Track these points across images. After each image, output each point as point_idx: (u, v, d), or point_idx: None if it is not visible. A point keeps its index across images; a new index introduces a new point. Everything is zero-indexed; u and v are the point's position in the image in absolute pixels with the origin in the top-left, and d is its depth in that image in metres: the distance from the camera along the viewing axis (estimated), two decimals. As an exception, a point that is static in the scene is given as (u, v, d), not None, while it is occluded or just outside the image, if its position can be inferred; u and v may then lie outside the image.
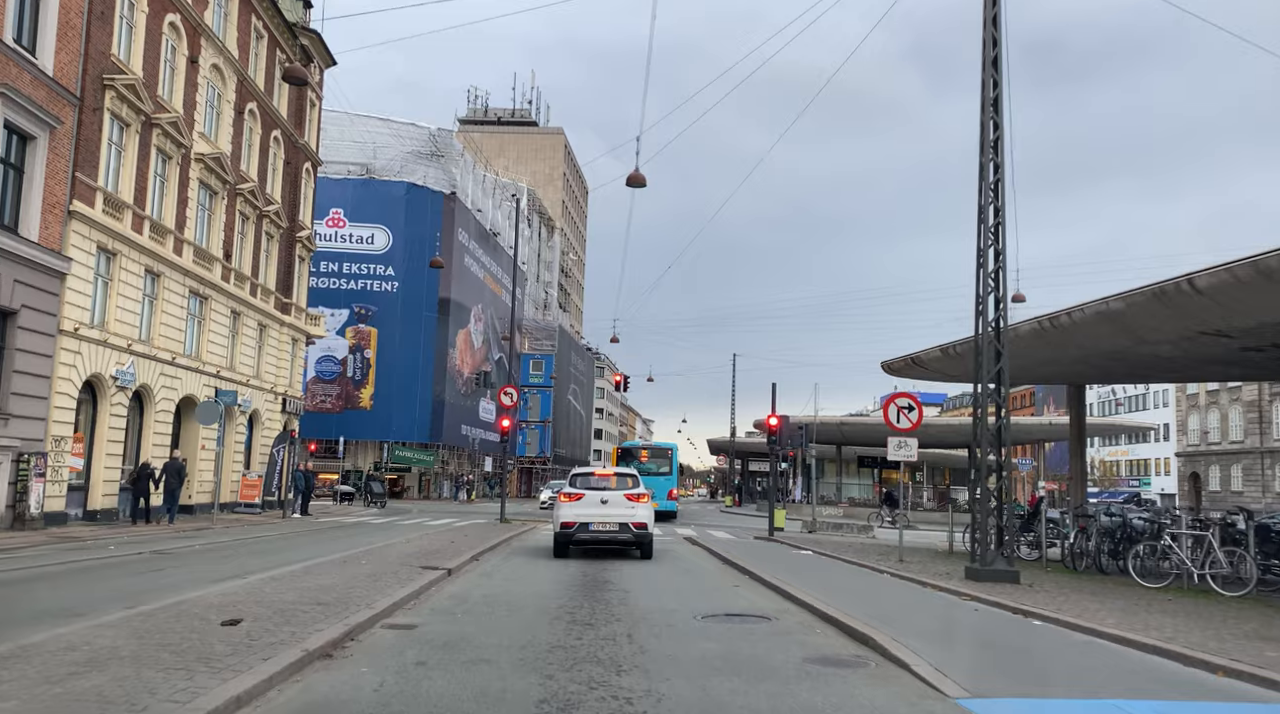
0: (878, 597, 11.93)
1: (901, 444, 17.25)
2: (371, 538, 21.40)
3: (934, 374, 22.92)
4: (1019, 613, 10.48)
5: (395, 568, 13.35)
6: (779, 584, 12.51)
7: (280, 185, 36.91)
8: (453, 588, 12.02)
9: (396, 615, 9.43)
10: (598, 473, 20.72)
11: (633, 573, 14.85)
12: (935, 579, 13.86)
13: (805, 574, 14.36)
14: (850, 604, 10.33)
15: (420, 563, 14.22)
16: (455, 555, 16.08)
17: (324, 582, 11.22)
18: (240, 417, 33.85)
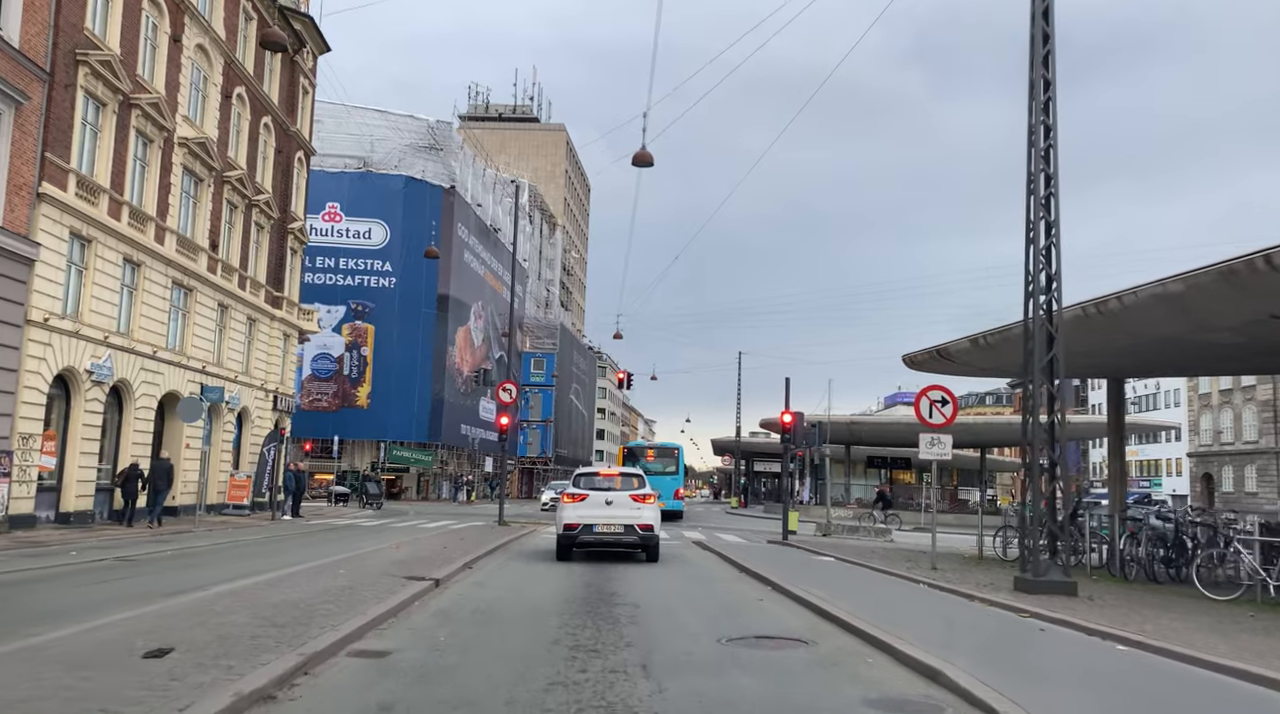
0: (923, 613, 10.49)
1: (935, 441, 15.82)
2: (360, 542, 19.99)
3: (961, 367, 21.46)
4: (1094, 634, 9.03)
5: (376, 578, 11.92)
6: (808, 597, 11.08)
7: (271, 174, 35.49)
8: (439, 602, 10.59)
9: (368, 638, 8.00)
10: (602, 473, 19.63)
11: (641, 582, 13.42)
12: (980, 591, 12.41)
13: (833, 584, 12.93)
14: (896, 623, 8.89)
15: (406, 572, 12.79)
16: (446, 562, 14.65)
17: (290, 596, 9.78)
18: (228, 414, 32.45)
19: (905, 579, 14.30)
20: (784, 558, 18.71)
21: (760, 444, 73.89)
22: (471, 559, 15.89)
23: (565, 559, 17.34)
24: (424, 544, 19.12)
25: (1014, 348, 18.80)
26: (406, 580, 11.81)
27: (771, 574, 14.00)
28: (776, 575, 13.76)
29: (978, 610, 10.90)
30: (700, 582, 13.98)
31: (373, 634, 8.21)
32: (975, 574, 15.37)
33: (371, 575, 12.27)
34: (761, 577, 13.97)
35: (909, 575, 14.63)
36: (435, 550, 17.31)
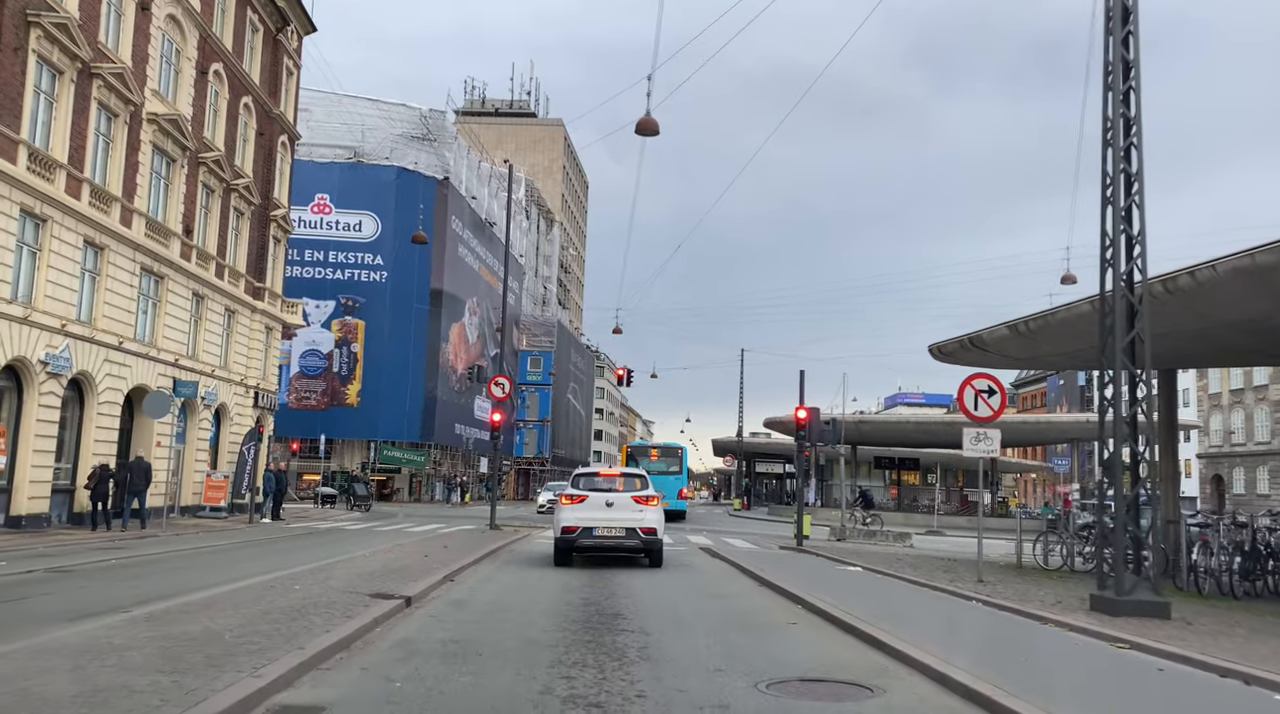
0: (1000, 644, 8.65)
1: (980, 436, 13.95)
2: (336, 548, 18.14)
3: (996, 358, 19.59)
4: (1230, 674, 7.17)
5: (337, 595, 10.06)
6: (852, 620, 9.22)
7: (252, 158, 33.62)
8: (406, 628, 8.72)
9: (300, 685, 6.14)
10: (603, 473, 18.07)
11: (649, 598, 11.57)
12: (1051, 611, 10.55)
13: (872, 601, 11.08)
14: (975, 660, 7.04)
15: (374, 587, 10.93)
16: (424, 574, 12.79)
17: (219, 623, 7.91)
18: (204, 410, 30.57)
19: (953, 595, 12.44)
20: (804, 567, 16.86)
21: (762, 444, 72.04)
22: (455, 570, 14.04)
23: (564, 564, 16.04)
24: (405, 551, 17.26)
25: (1058, 335, 16.96)
26: (371, 599, 9.94)
27: (796, 587, 12.16)
28: (803, 589, 11.91)
29: (1061, 639, 9.02)
30: (716, 597, 12.11)
31: (309, 678, 6.34)
32: (1029, 588, 13.51)
33: (332, 592, 10.40)
34: (786, 591, 12.10)
35: (955, 590, 12.77)
36: (415, 559, 15.44)
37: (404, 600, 10.10)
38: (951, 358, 20.74)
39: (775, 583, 12.95)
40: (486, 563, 16.47)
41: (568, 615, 9.78)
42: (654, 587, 13.03)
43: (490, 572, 14.96)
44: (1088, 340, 16.98)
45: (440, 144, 58.07)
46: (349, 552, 16.85)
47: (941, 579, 14.32)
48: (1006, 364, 21.02)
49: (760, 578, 14.10)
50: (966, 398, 14.07)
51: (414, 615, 9.55)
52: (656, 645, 8.04)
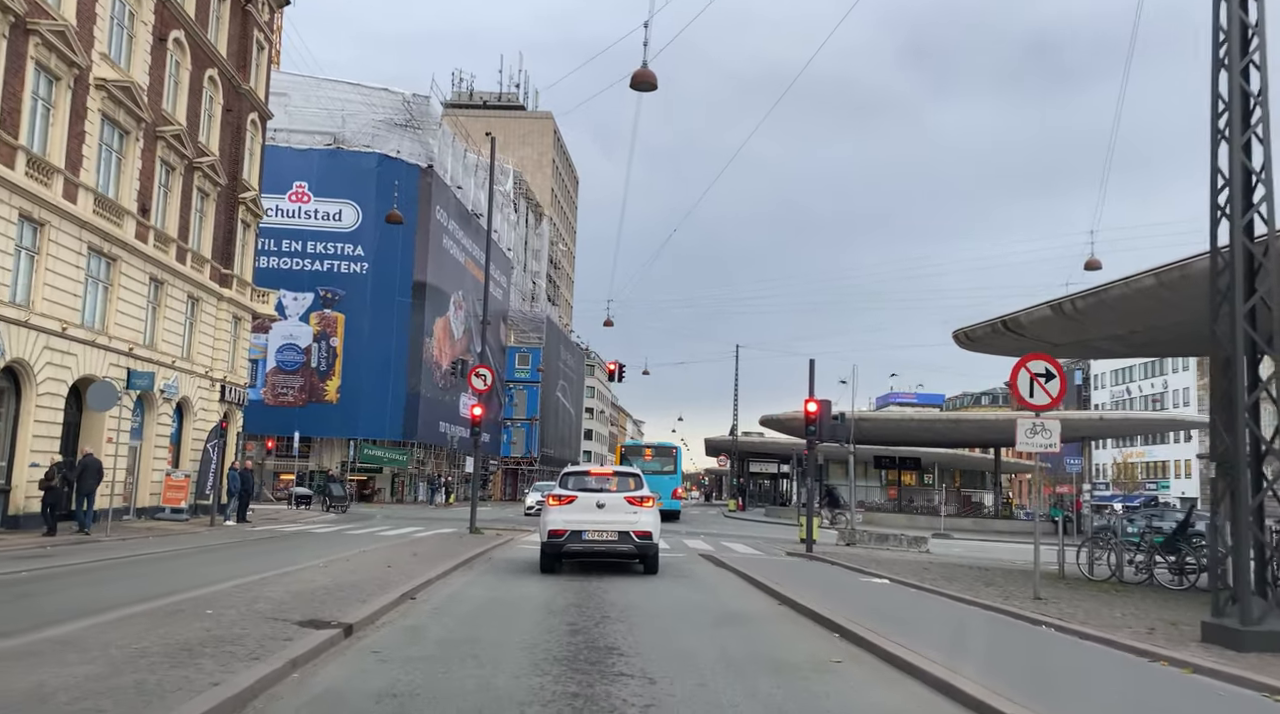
0: (1125, 697, 6.60)
1: (1037, 429, 11.91)
2: (291, 556, 16.01)
3: (1033, 344, 17.50)
4: None
5: (255, 625, 7.95)
6: (913, 658, 7.17)
7: (218, 136, 31.42)
8: (333, 674, 6.62)
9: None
10: (594, 471, 16.26)
11: (651, 624, 9.48)
12: (1152, 643, 8.49)
13: (923, 627, 9.05)
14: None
15: (309, 611, 8.83)
16: (381, 590, 10.71)
17: (61, 675, 5.78)
18: (164, 404, 28.37)
19: (1014, 617, 10.36)
20: (822, 579, 14.81)
21: (757, 443, 70.03)
22: (420, 583, 11.94)
23: (550, 571, 14.60)
24: (368, 559, 15.15)
25: (1112, 315, 14.91)
26: (300, 628, 7.84)
27: (825, 607, 10.12)
28: (833, 609, 9.87)
29: (1195, 689, 6.94)
30: (731, 620, 10.02)
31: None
32: (1097, 607, 11.45)
33: (253, 618, 8.29)
34: (815, 614, 10.03)
35: (1014, 610, 10.70)
36: (376, 570, 13.33)
37: (343, 629, 7.99)
38: (980, 345, 18.71)
39: (799, 601, 10.88)
40: (460, 574, 14.37)
41: (549, 650, 7.69)
42: (654, 606, 10.95)
43: (462, 585, 12.86)
44: (1146, 321, 14.98)
45: (424, 131, 55.89)
46: (303, 561, 14.73)
47: (989, 595, 12.28)
48: (1050, 350, 18.86)
49: (777, 594, 12.03)
50: (1021, 383, 12.04)
51: (351, 651, 7.44)
52: (665, 700, 5.97)
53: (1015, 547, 32.28)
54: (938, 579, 14.52)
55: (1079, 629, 9.17)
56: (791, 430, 52.67)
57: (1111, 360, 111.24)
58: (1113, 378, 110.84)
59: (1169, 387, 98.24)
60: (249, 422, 50.32)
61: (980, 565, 18.42)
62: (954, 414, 56.73)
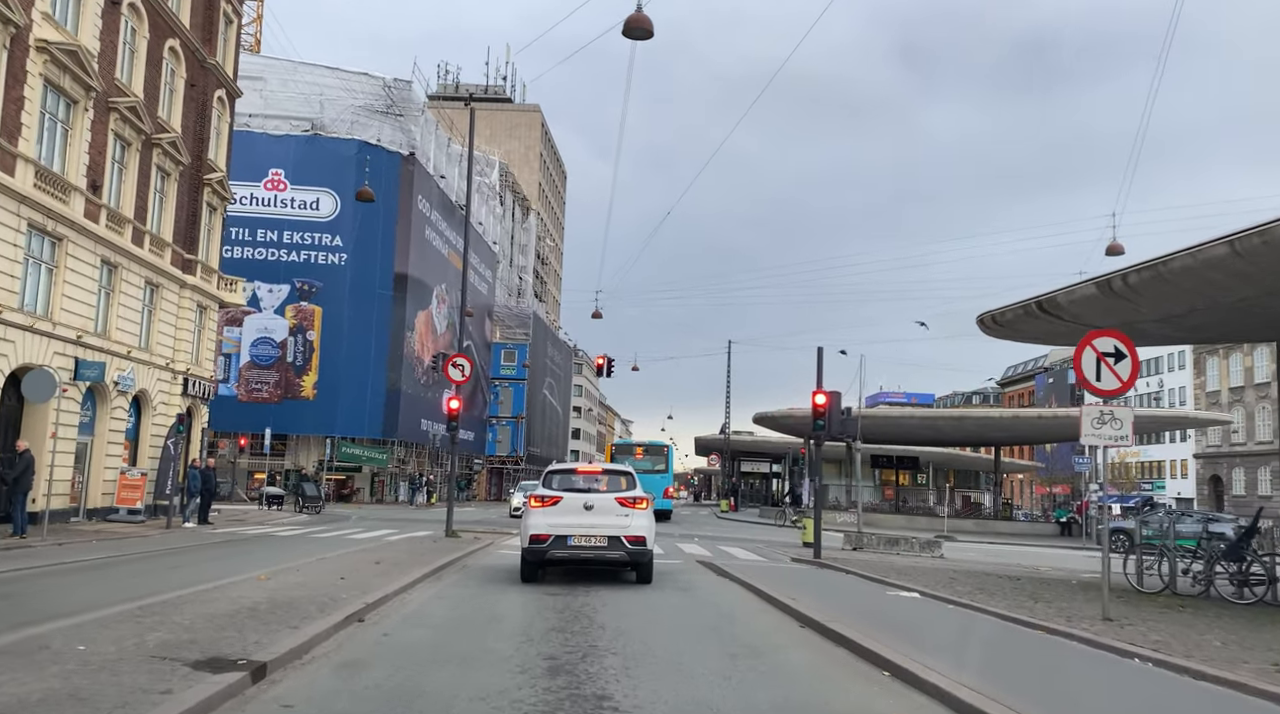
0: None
1: (1105, 418, 10.10)
2: (235, 565, 14.11)
3: (1072, 327, 15.70)
4: None
5: (130, 669, 6.06)
6: (993, 709, 5.31)
7: (180, 111, 29.42)
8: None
9: None
10: (581, 469, 14.45)
11: (651, 658, 7.60)
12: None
13: (993, 665, 7.22)
14: None
15: (217, 644, 6.95)
16: (322, 611, 8.84)
17: None
18: (118, 397, 26.35)
19: (1097, 646, 8.51)
20: (842, 592, 12.98)
21: (748, 442, 68.28)
22: (376, 599, 10.07)
23: (532, 580, 13.11)
24: (323, 569, 13.25)
25: (1171, 292, 13.09)
26: (192, 671, 5.96)
27: (860, 632, 8.29)
28: (867, 633, 8.04)
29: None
30: (749, 653, 8.13)
31: None
32: (1182, 630, 9.64)
33: (132, 658, 6.39)
34: (850, 641, 8.19)
35: (1092, 637, 8.84)
36: (327, 583, 11.43)
37: (250, 672, 6.11)
38: (1009, 329, 16.89)
39: (826, 624, 9.03)
40: (426, 586, 12.49)
41: (521, 705, 5.81)
42: (653, 630, 9.09)
43: (426, 600, 10.98)
44: (1211, 297, 13.19)
45: (406, 118, 53.85)
46: (248, 570, 12.82)
47: (1046, 614, 10.46)
48: (1081, 337, 17.05)
49: (797, 613, 10.19)
50: (1085, 364, 10.23)
51: (251, 707, 5.55)
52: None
53: (1030, 550, 30.63)
54: (973, 592, 12.70)
55: (1186, 665, 7.33)
56: (787, 428, 50.90)
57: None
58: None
59: (1164, 386, 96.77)
60: (221, 418, 48.25)
61: (1008, 574, 16.64)
62: (958, 411, 55.07)
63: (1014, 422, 41.67)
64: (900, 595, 12.38)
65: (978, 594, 12.39)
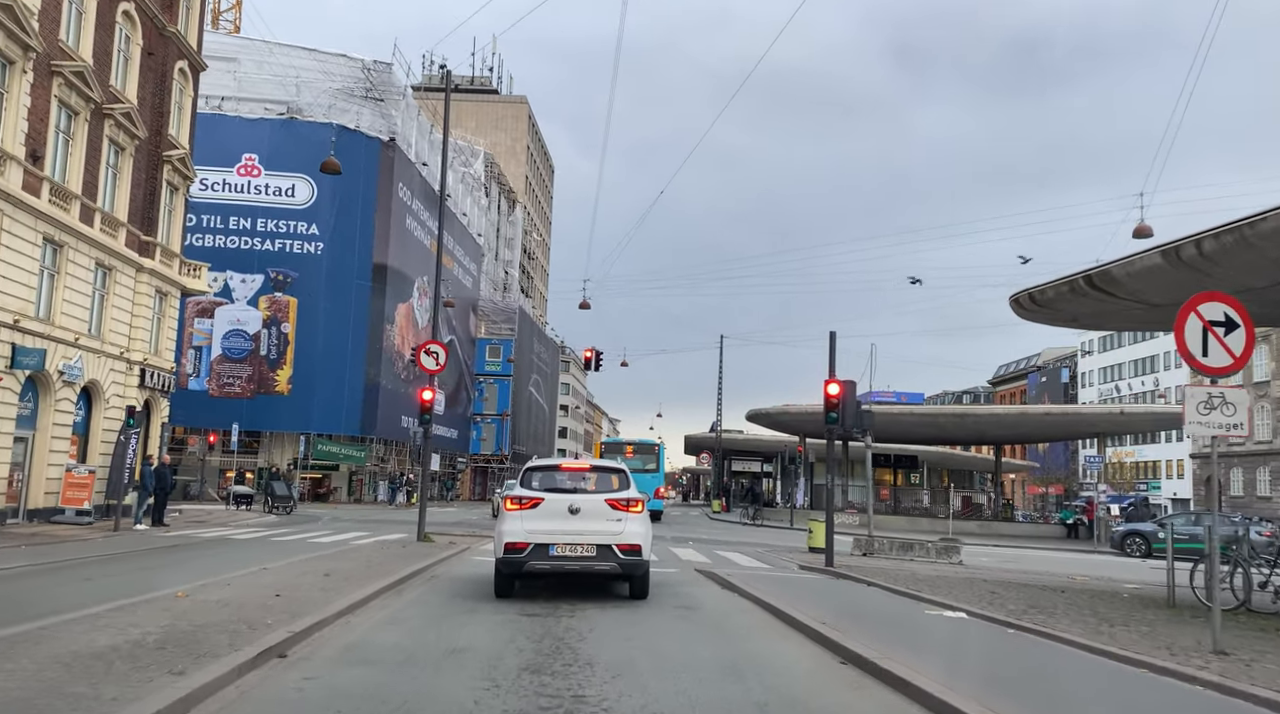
0: None
1: (1214, 402, 8.21)
2: (165, 576, 12.15)
3: (1126, 306, 13.77)
4: None
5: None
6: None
7: (136, 82, 27.32)
8: None
9: None
10: (566, 466, 12.47)
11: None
12: None
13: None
14: None
15: (48, 707, 4.92)
16: (232, 644, 6.88)
17: None
18: (64, 388, 24.24)
19: (1242, 698, 6.56)
20: (871, 611, 11.04)
21: (738, 441, 66.44)
22: (309, 625, 8.10)
23: (507, 595, 11.39)
24: (260, 582, 11.25)
25: (1254, 260, 11.19)
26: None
27: (914, 671, 6.38)
28: (921, 671, 6.13)
29: None
30: (785, 703, 6.19)
31: None
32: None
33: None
34: (910, 685, 6.25)
35: (1222, 681, 6.91)
36: (257, 601, 9.44)
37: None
38: (1049, 310, 14.96)
39: (881, 665, 7.07)
40: (382, 603, 10.51)
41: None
42: (656, 674, 7.10)
43: (375, 625, 8.99)
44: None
45: (387, 103, 51.73)
46: (169, 584, 10.79)
47: (1132, 641, 8.54)
48: (1134, 317, 15.13)
49: (828, 640, 8.25)
50: (1189, 335, 8.30)
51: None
52: None
53: (1046, 555, 28.83)
54: (1026, 610, 10.80)
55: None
56: (783, 425, 49.09)
57: (1099, 357, 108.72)
58: (1101, 376, 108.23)
59: (1160, 385, 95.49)
60: (191, 414, 46.10)
61: (1047, 584, 14.76)
62: (960, 408, 53.33)
63: (1020, 419, 39.90)
64: (944, 616, 10.45)
65: (1033, 613, 10.48)
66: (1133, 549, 31.08)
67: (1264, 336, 72.99)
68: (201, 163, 47.37)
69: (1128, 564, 26.21)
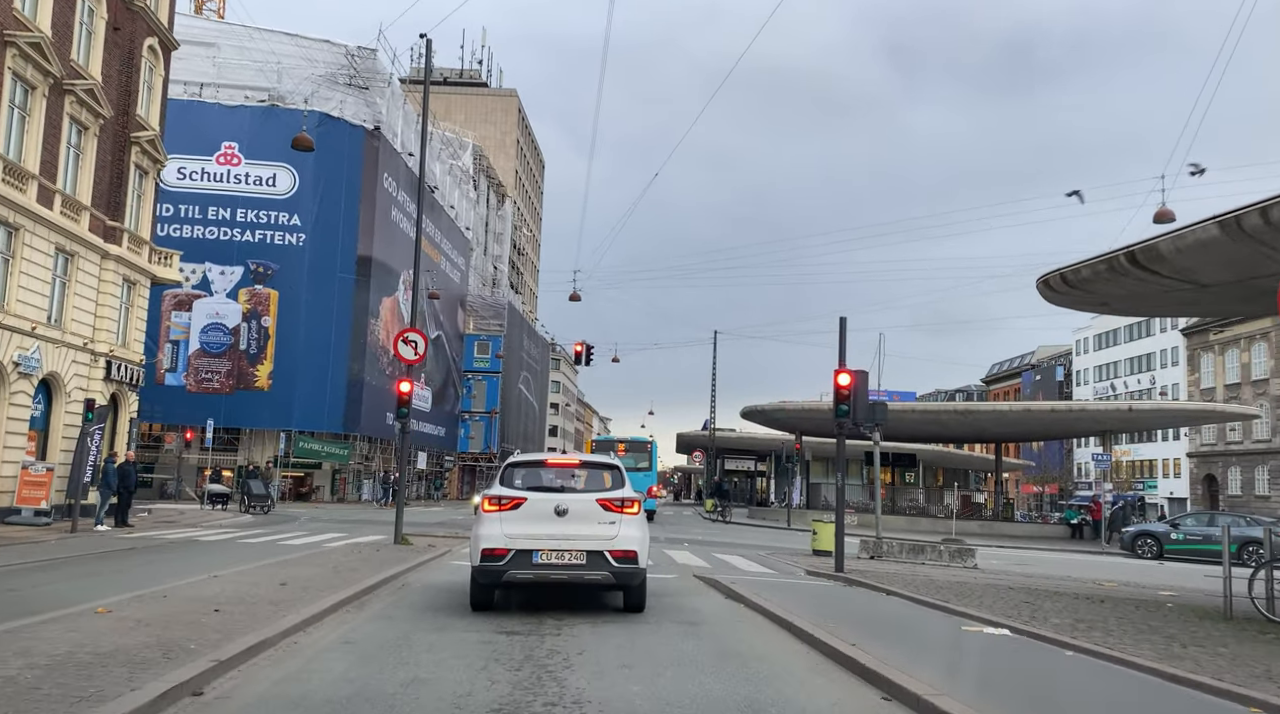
0: None
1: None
2: (99, 586, 10.75)
3: (1172, 282, 12.48)
4: None
5: None
6: None
7: (101, 58, 25.87)
8: None
9: None
10: (553, 462, 11.00)
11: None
12: None
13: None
14: None
15: None
16: (127, 682, 5.55)
17: None
18: (19, 380, 22.78)
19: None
20: (906, 630, 9.70)
21: (731, 439, 65.11)
22: (236, 652, 6.74)
23: (484, 608, 10.05)
24: (199, 594, 9.87)
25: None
26: None
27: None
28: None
29: None
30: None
31: None
32: None
33: None
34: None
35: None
36: (188, 618, 8.06)
37: None
38: (1081, 291, 13.63)
39: (936, 704, 5.73)
40: (338, 619, 9.13)
41: None
42: (656, 709, 5.74)
43: (324, 649, 7.61)
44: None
45: (371, 90, 50.22)
46: (99, 596, 9.39)
47: (1231, 674, 7.21)
48: (1177, 300, 13.71)
49: (871, 673, 6.90)
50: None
51: None
52: None
53: (1060, 557, 27.56)
54: (1077, 626, 9.48)
55: None
56: (778, 423, 47.82)
57: (1095, 355, 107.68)
58: (1096, 374, 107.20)
59: (1156, 382, 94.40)
60: (169, 410, 44.61)
61: (1080, 593, 13.45)
62: (963, 405, 52.15)
63: (1024, 416, 38.65)
64: (986, 634, 9.11)
65: (1085, 630, 9.17)
66: (1144, 550, 29.86)
67: (1263, 334, 72.08)
68: (180, 151, 45.95)
69: (1144, 567, 24.99)
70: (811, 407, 42.15)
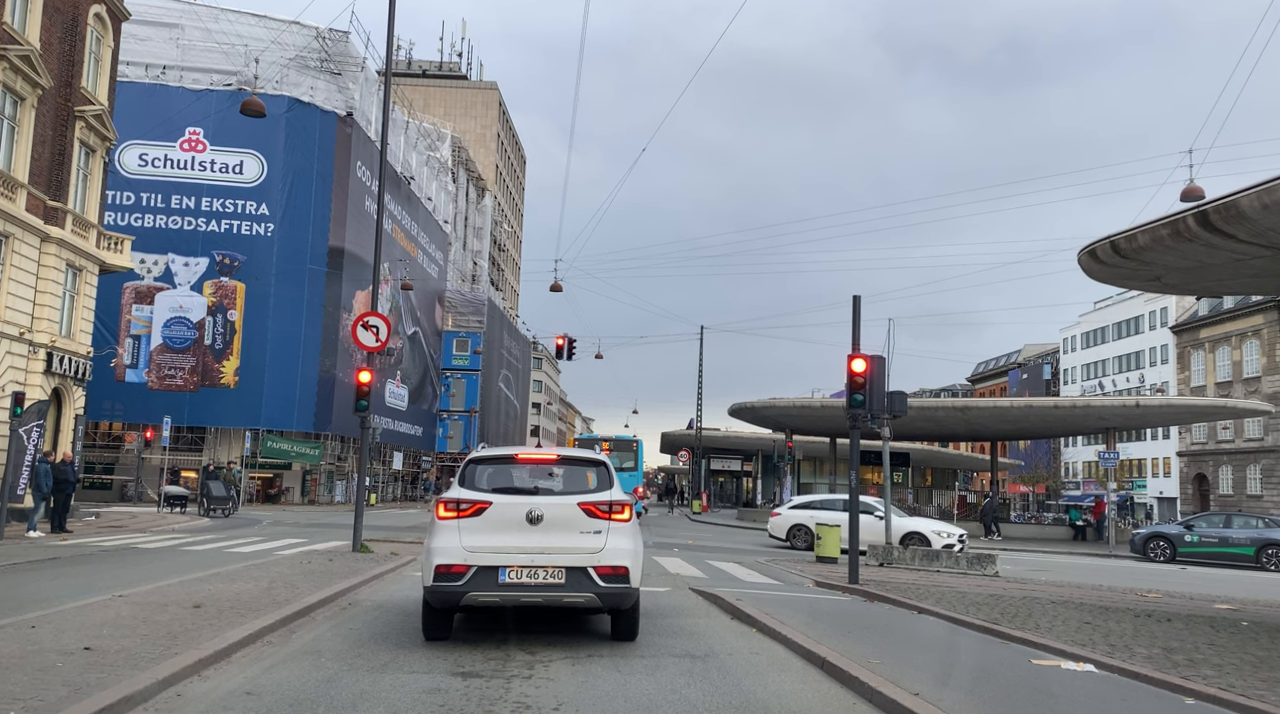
0: None
1: None
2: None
3: (1248, 249, 10.71)
4: None
5: None
6: None
7: (40, 23, 23.80)
8: None
9: None
10: (525, 457, 8.71)
11: None
12: None
13: None
14: None
15: None
16: None
17: None
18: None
19: None
20: (962, 665, 7.84)
21: (718, 438, 63.43)
22: (100, 709, 4.79)
23: (440, 637, 8.24)
24: (88, 619, 7.94)
25: None
26: None
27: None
28: None
29: None
30: None
31: None
32: None
33: None
34: None
35: None
36: (44, 662, 6.15)
37: None
38: (1134, 262, 11.83)
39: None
40: (252, 654, 7.22)
41: None
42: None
43: (218, 701, 5.71)
44: None
45: (344, 75, 48.11)
46: None
47: None
48: (1249, 270, 11.90)
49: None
50: None
51: None
52: None
53: (1075, 562, 25.93)
54: (1167, 655, 7.69)
55: None
56: (768, 420, 46.06)
57: (1082, 353, 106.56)
58: (1083, 372, 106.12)
59: (1145, 381, 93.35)
60: (130, 408, 42.46)
61: (1139, 609, 11.70)
62: (962, 401, 50.55)
63: (1026, 412, 37.03)
64: (1066, 670, 7.27)
65: (1186, 664, 7.37)
66: (1157, 554, 28.27)
67: (1255, 331, 70.99)
68: (141, 136, 43.86)
69: (1163, 571, 23.35)
70: (804, 403, 40.47)
